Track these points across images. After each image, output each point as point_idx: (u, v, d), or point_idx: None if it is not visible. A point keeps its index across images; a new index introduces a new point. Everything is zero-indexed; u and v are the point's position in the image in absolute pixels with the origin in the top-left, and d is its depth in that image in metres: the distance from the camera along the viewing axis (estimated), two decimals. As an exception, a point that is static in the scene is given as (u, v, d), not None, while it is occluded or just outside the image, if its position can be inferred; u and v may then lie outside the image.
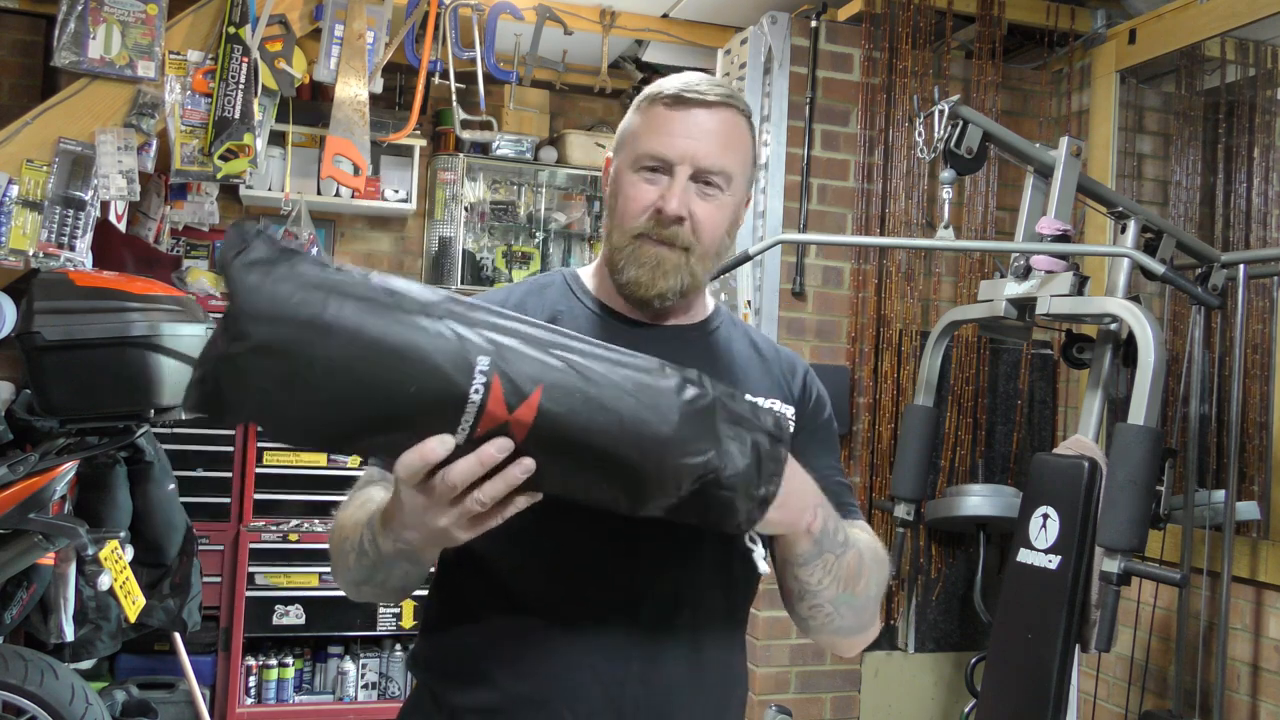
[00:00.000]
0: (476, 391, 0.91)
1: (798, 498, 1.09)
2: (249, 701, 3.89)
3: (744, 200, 1.28)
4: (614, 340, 1.08)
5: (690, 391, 0.99)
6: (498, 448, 0.92)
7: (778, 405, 1.28)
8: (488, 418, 0.92)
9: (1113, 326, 2.65)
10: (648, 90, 1.26)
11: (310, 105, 3.99)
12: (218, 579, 3.80)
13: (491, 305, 0.99)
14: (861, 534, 1.26)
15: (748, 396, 1.06)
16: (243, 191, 4.03)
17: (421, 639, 1.30)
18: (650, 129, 1.22)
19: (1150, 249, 2.65)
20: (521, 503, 0.97)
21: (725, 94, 1.23)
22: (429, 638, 1.28)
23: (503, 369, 0.92)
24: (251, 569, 3.84)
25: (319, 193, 4.13)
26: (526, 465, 0.93)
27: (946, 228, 2.69)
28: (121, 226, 3.26)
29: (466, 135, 3.68)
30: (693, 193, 1.21)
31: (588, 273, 1.34)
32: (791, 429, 1.25)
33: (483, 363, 0.91)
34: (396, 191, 4.28)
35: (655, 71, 4.22)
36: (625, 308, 1.27)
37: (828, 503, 1.15)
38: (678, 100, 1.22)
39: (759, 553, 1.10)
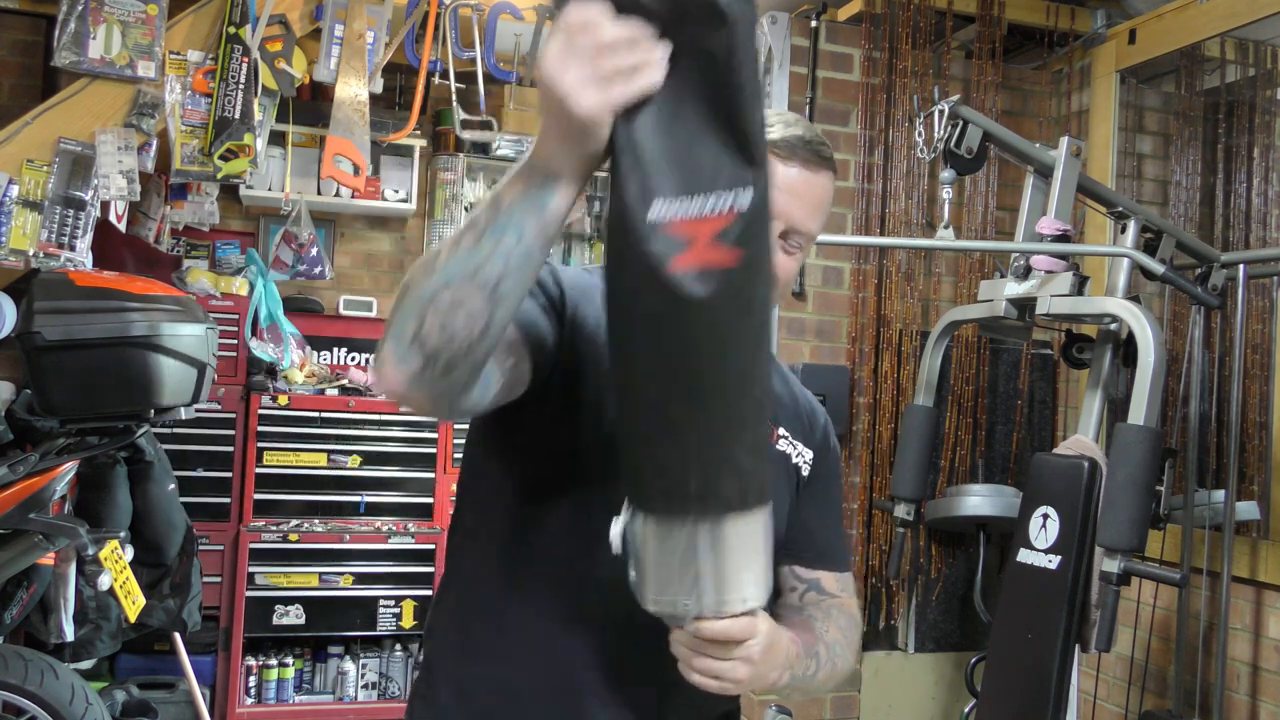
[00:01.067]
0: None
1: (767, 666, 1.12)
2: (249, 701, 3.89)
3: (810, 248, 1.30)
4: None
5: None
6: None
7: (799, 446, 1.32)
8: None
9: (1113, 326, 2.65)
10: None
11: (310, 105, 3.99)
12: (218, 579, 3.80)
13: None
14: (834, 630, 1.29)
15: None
16: (243, 191, 4.03)
17: (430, 638, 1.31)
18: None
19: (1150, 249, 2.65)
20: (642, 85, 0.88)
21: (829, 155, 1.22)
22: (437, 634, 1.29)
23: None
24: (251, 569, 3.84)
25: (319, 193, 4.13)
26: (659, 56, 0.88)
27: (946, 228, 2.69)
28: (121, 226, 3.25)
29: (466, 135, 3.67)
30: (778, 247, 1.19)
31: None
32: (808, 472, 1.33)
33: None
34: (396, 191, 4.28)
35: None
36: None
37: (799, 654, 1.19)
38: (791, 154, 1.19)
39: None
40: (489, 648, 1.22)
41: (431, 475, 4.02)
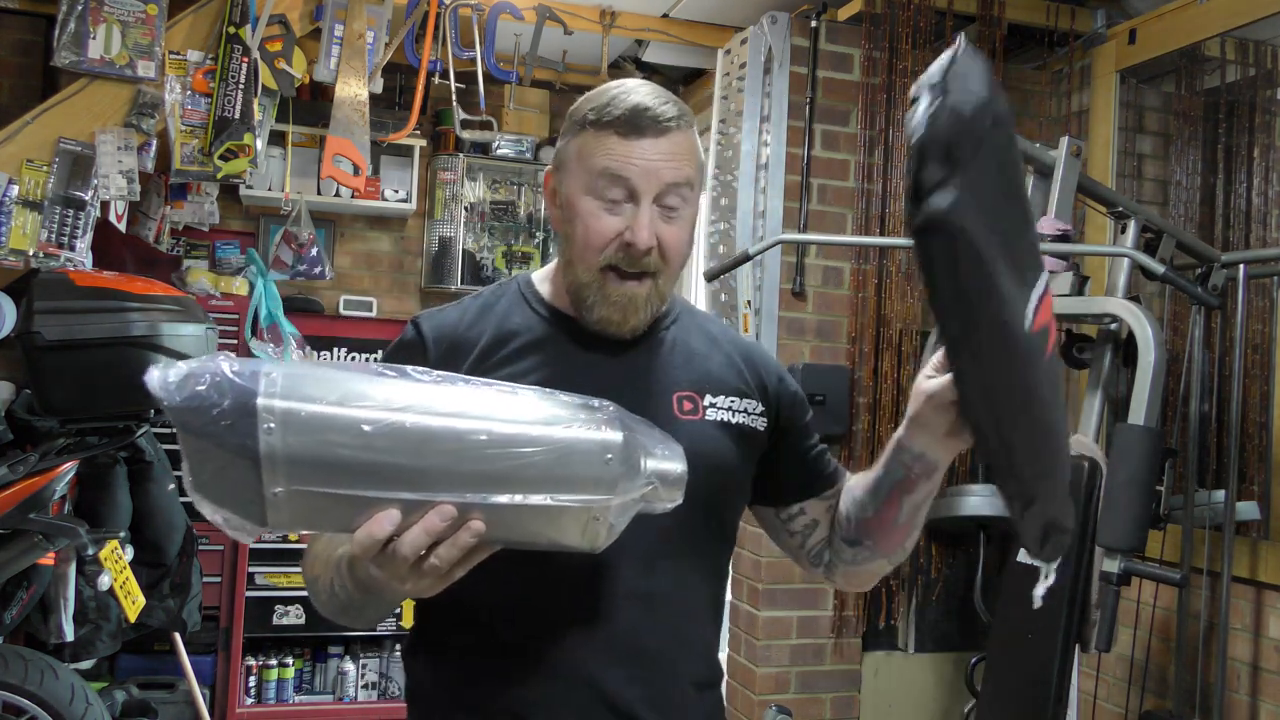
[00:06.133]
0: None
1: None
2: (249, 701, 3.89)
3: (699, 206, 1.28)
4: (572, 347, 1.22)
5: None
6: (441, 516, 0.94)
7: (736, 402, 1.30)
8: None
9: (1113, 326, 2.65)
10: (591, 111, 1.20)
11: (310, 105, 3.99)
12: (218, 579, 3.80)
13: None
14: None
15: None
16: (243, 191, 4.03)
17: (414, 657, 1.31)
18: (605, 155, 1.18)
19: (1150, 249, 2.64)
20: (482, 555, 0.99)
21: (676, 114, 1.20)
22: (422, 656, 1.29)
23: None
24: (251, 569, 3.84)
25: (319, 193, 4.13)
26: (476, 529, 0.95)
27: (947, 228, 2.68)
28: (121, 226, 3.25)
29: (466, 135, 3.68)
30: (657, 217, 1.19)
31: (542, 278, 1.33)
32: (768, 424, 1.32)
33: None
34: (396, 191, 4.28)
35: (655, 72, 4.22)
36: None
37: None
38: (632, 128, 1.18)
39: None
40: (460, 689, 1.23)
41: (431, 475, 4.01)
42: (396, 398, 0.94)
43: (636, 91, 1.20)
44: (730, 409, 1.29)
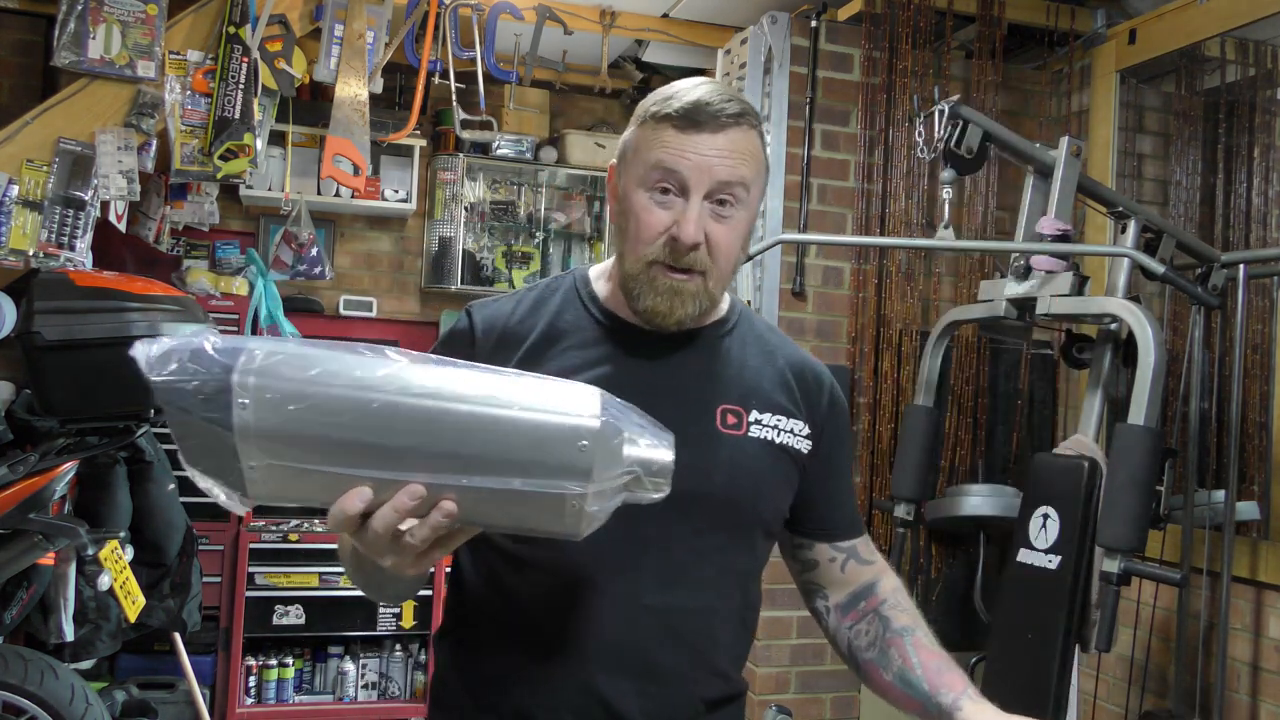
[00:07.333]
0: None
1: None
2: (249, 701, 3.89)
3: (757, 211, 1.25)
4: (621, 349, 1.20)
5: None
6: (410, 495, 0.94)
7: (783, 421, 1.27)
8: None
9: (1113, 326, 2.65)
10: (654, 104, 1.18)
11: (310, 105, 3.99)
12: (218, 579, 3.80)
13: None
14: (911, 619, 1.49)
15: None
16: (243, 191, 4.03)
17: (441, 643, 1.31)
18: (660, 147, 1.16)
19: (1150, 249, 2.64)
20: (464, 536, 1.00)
21: (737, 111, 1.17)
22: (448, 645, 1.30)
23: None
24: (251, 569, 3.84)
25: (319, 193, 4.13)
26: (447, 510, 0.94)
27: (946, 228, 2.69)
28: (121, 226, 3.25)
29: (466, 135, 3.68)
30: (707, 215, 1.16)
31: (598, 275, 1.30)
32: (811, 448, 1.29)
33: None
34: (396, 191, 4.28)
35: (655, 72, 4.22)
36: (634, 317, 1.24)
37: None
38: (689, 122, 1.15)
39: None
40: (489, 678, 1.23)
41: (431, 475, 4.01)
42: (371, 377, 0.95)
43: (700, 88, 1.18)
44: (775, 427, 1.26)
